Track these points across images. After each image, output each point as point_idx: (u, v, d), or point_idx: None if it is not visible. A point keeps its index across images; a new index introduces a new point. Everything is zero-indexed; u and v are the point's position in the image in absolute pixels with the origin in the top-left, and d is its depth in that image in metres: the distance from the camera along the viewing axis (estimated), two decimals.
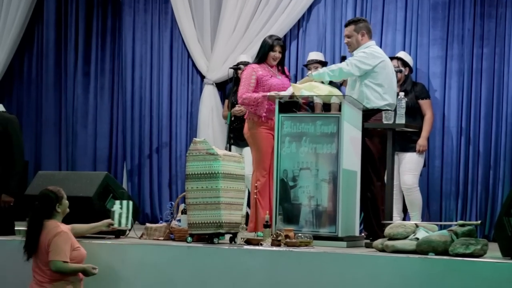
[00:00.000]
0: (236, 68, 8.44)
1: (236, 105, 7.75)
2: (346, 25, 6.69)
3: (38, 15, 9.74)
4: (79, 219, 6.14)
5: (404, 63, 7.69)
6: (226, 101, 8.37)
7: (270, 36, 6.98)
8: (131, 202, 6.09)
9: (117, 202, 6.01)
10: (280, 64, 6.93)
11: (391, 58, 7.79)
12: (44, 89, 9.64)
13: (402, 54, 7.78)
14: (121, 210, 6.01)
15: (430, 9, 8.03)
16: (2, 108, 7.20)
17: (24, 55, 9.83)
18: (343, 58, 6.66)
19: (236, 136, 7.97)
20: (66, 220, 6.16)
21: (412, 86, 7.65)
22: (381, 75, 6.44)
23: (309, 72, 6.64)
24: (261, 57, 6.87)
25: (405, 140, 7.47)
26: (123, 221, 6.01)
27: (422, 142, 7.54)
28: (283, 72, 6.95)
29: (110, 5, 9.54)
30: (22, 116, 9.60)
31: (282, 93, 6.38)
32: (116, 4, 9.48)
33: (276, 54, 6.82)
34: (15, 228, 6.79)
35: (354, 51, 6.54)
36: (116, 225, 5.98)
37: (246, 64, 8.17)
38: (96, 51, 9.52)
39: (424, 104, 7.62)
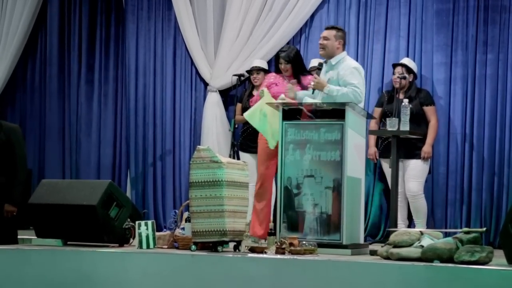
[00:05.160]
0: (240, 75, 8.45)
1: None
2: (327, 28, 6.67)
3: (41, 23, 9.75)
4: (83, 227, 6.14)
5: (409, 70, 7.67)
6: (239, 105, 8.34)
7: (280, 48, 7.03)
8: (154, 222, 6.12)
9: (143, 223, 6.01)
10: (296, 75, 6.89)
11: (396, 65, 7.79)
12: (48, 97, 9.65)
13: (406, 61, 7.77)
14: (147, 231, 6.02)
15: (434, 15, 8.01)
16: None
17: (27, 62, 9.84)
18: (319, 66, 6.66)
19: (249, 140, 7.94)
20: (70, 230, 6.16)
21: (416, 93, 7.64)
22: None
23: (314, 73, 6.58)
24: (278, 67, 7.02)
25: (410, 147, 7.45)
26: (151, 242, 6.03)
27: (426, 149, 7.52)
28: (299, 82, 6.87)
29: (113, 12, 9.54)
30: (25, 124, 9.61)
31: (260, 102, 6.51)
32: (120, 11, 9.49)
33: (281, 66, 6.87)
34: (18, 237, 6.78)
35: (330, 58, 6.49)
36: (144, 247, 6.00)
37: (258, 69, 8.18)
38: (99, 59, 9.52)
39: (429, 110, 7.61)
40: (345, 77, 6.35)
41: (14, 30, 9.60)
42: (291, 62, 6.86)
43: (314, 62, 8.13)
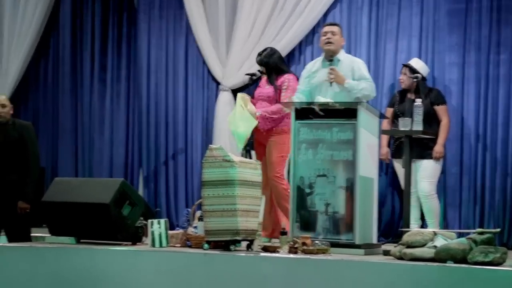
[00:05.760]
0: (252, 74, 8.44)
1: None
2: (331, 24, 6.89)
3: (54, 22, 9.77)
4: (96, 225, 6.16)
5: (413, 70, 7.63)
6: None
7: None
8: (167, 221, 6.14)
9: (155, 222, 6.02)
10: (269, 77, 7.29)
11: (403, 65, 7.79)
12: (60, 96, 9.67)
13: (413, 61, 7.73)
14: (160, 230, 6.03)
15: (447, 15, 7.99)
16: None
17: (40, 62, 9.86)
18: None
19: None
20: (83, 228, 6.17)
21: (427, 93, 7.61)
22: None
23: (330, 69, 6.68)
24: None
25: (422, 147, 7.44)
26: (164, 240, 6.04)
27: (438, 148, 7.50)
28: (271, 82, 7.25)
29: (125, 12, 9.56)
30: (38, 123, 9.63)
31: None
32: (132, 11, 9.50)
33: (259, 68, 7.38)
34: (32, 235, 6.81)
35: (335, 53, 6.66)
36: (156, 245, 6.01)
37: None
38: (111, 58, 9.54)
39: (440, 110, 7.59)
40: (361, 71, 6.55)
41: (26, 29, 9.64)
42: (264, 65, 7.28)
43: None
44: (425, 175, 7.51)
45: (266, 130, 7.10)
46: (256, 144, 7.26)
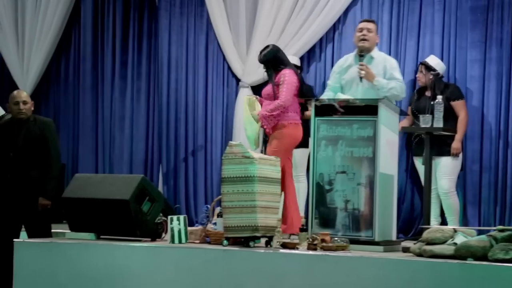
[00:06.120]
0: None
1: None
2: (367, 21, 6.84)
3: (75, 19, 9.83)
4: (116, 221, 6.17)
5: (428, 68, 7.59)
6: None
7: None
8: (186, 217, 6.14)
9: (175, 218, 6.03)
10: (268, 74, 7.24)
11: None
12: (81, 92, 9.72)
13: (429, 59, 7.69)
14: (180, 226, 6.04)
15: (469, 12, 7.94)
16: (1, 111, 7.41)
17: (61, 58, 9.92)
18: None
19: None
20: (103, 223, 6.19)
21: (443, 89, 7.55)
22: None
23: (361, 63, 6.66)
24: None
25: (440, 144, 7.40)
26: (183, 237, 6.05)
27: (455, 145, 7.45)
28: (269, 80, 7.23)
29: (146, 8, 9.59)
30: (59, 119, 9.70)
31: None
32: (152, 7, 9.53)
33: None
34: (52, 231, 6.84)
35: (369, 51, 6.64)
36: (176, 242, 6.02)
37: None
38: (132, 55, 9.58)
39: (457, 105, 7.53)
40: (392, 70, 6.55)
41: (48, 26, 9.69)
42: (263, 63, 7.22)
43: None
44: (444, 173, 7.47)
45: (271, 128, 7.09)
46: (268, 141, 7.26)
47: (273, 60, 7.17)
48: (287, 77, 7.04)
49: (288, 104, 6.98)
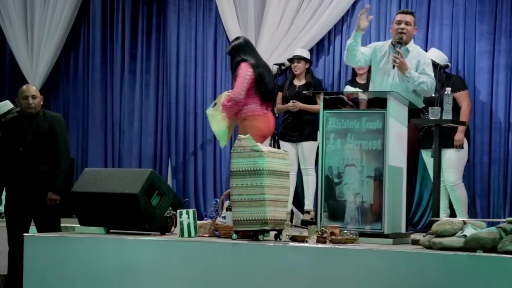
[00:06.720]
0: (281, 64, 8.45)
1: (290, 100, 7.97)
2: (405, 12, 6.72)
3: (84, 14, 9.84)
4: (125, 215, 6.18)
5: None
6: (280, 94, 8.34)
7: None
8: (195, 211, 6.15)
9: (184, 212, 6.04)
10: (231, 65, 7.33)
11: None
12: (91, 87, 9.75)
13: (430, 51, 7.64)
14: (189, 220, 6.05)
15: (477, 3, 7.91)
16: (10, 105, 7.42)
17: (70, 53, 9.94)
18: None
19: (290, 129, 8.06)
20: (112, 218, 6.20)
21: (445, 80, 7.51)
22: None
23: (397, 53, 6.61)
24: None
25: (445, 137, 7.36)
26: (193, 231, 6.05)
27: (458, 136, 7.42)
28: (232, 72, 7.34)
29: (155, 3, 9.60)
30: (68, 114, 9.72)
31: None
32: (161, 2, 9.54)
33: None
34: (61, 225, 6.86)
35: (406, 44, 6.58)
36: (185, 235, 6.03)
37: (299, 58, 8.19)
38: (141, 49, 9.59)
39: (460, 96, 7.48)
40: (425, 66, 6.53)
41: (57, 21, 9.71)
42: (228, 54, 7.32)
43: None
44: (449, 165, 7.45)
45: (231, 116, 7.21)
46: None
47: (235, 52, 7.20)
48: (240, 70, 7.10)
49: (240, 97, 7.04)
